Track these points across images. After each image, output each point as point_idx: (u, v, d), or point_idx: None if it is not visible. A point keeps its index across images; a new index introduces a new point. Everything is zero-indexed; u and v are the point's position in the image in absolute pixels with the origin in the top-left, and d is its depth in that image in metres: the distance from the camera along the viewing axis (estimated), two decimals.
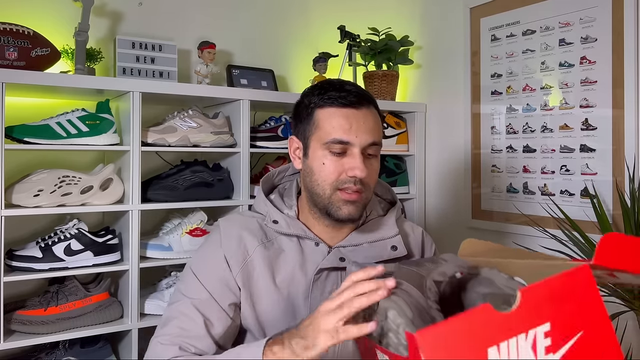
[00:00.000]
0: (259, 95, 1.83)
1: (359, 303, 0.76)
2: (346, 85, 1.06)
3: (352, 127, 1.01)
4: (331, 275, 1.05)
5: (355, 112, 1.02)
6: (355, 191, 1.01)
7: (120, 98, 1.67)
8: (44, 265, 1.49)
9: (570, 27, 1.72)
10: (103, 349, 1.60)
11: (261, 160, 2.03)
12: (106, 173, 1.60)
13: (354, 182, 1.01)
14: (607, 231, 1.49)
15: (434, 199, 2.20)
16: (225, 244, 1.06)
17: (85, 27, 1.62)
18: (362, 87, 1.09)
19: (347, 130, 1.01)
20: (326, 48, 2.18)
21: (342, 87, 1.04)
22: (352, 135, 1.01)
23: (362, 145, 1.01)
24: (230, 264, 1.04)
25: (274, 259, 1.05)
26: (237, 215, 1.17)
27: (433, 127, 2.20)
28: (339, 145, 1.01)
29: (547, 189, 1.78)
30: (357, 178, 1.01)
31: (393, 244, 1.09)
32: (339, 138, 1.01)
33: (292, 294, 1.04)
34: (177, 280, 1.70)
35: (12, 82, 1.41)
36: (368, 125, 1.03)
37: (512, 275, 0.76)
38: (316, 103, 1.05)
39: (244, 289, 1.03)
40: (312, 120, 1.05)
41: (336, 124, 1.01)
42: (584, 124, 1.68)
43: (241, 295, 1.04)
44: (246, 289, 1.03)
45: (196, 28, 2.01)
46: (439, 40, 2.17)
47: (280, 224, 1.07)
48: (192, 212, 1.76)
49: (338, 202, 1.02)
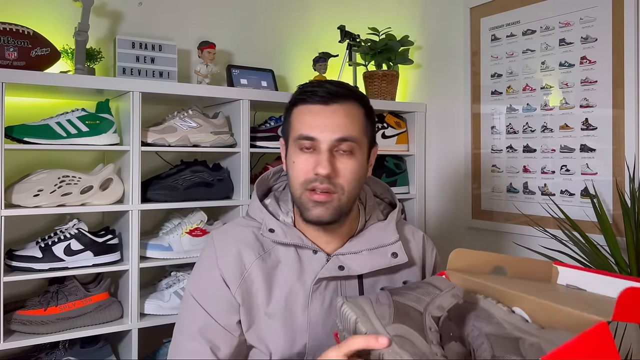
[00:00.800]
0: (259, 95, 1.83)
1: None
2: (325, 83, 1.02)
3: (319, 123, 0.98)
4: (330, 285, 1.03)
5: (323, 107, 0.99)
6: (323, 191, 0.97)
7: (120, 98, 1.67)
8: (44, 265, 1.49)
9: (570, 27, 1.72)
10: (103, 349, 1.60)
11: (261, 160, 2.03)
12: (106, 173, 1.60)
13: (321, 180, 0.97)
14: (607, 231, 1.49)
15: (434, 199, 2.20)
16: (221, 261, 1.03)
17: (85, 27, 1.62)
18: (345, 84, 1.05)
19: (313, 126, 0.98)
20: (326, 48, 2.18)
21: (320, 84, 1.02)
22: (317, 131, 0.97)
23: (328, 142, 0.97)
24: (228, 281, 1.02)
25: (271, 271, 1.03)
26: (231, 227, 1.12)
27: (433, 127, 2.20)
28: (306, 141, 0.98)
29: (547, 189, 1.78)
30: (321, 176, 0.97)
31: (393, 250, 1.06)
32: (304, 134, 0.98)
33: (290, 306, 1.02)
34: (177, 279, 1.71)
35: (12, 82, 1.41)
36: (336, 121, 0.98)
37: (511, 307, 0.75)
38: (293, 102, 1.04)
39: (243, 306, 1.02)
40: (289, 120, 1.05)
41: (304, 120, 1.00)
42: (584, 124, 1.68)
43: (240, 311, 1.02)
44: (245, 304, 1.02)
45: (196, 28, 2.01)
46: (439, 40, 2.17)
47: (276, 232, 1.04)
48: (192, 212, 1.76)
49: (307, 203, 0.99)
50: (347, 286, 1.04)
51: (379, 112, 2.16)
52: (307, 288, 1.02)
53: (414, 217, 2.18)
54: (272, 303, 1.02)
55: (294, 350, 1.02)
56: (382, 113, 2.16)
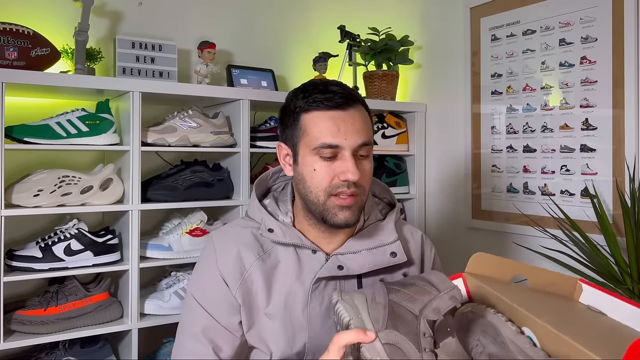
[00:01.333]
0: (259, 95, 1.83)
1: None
2: (331, 85, 1.01)
3: (340, 130, 0.97)
4: (329, 285, 1.03)
5: (343, 113, 0.99)
6: (350, 195, 0.98)
7: (120, 98, 1.67)
8: (44, 265, 1.49)
9: (570, 27, 1.71)
10: (103, 349, 1.60)
11: (261, 160, 2.03)
12: (106, 173, 1.60)
13: (348, 185, 0.97)
14: (607, 231, 1.49)
15: (434, 199, 2.20)
16: (221, 262, 1.04)
17: (85, 27, 1.62)
18: (347, 86, 1.04)
19: (335, 133, 0.97)
20: (326, 48, 2.18)
21: (327, 88, 1.00)
22: (341, 138, 0.97)
23: (352, 147, 0.98)
24: (228, 282, 1.02)
25: (271, 271, 1.03)
26: (230, 227, 1.12)
27: (433, 127, 2.20)
28: (328, 149, 0.97)
29: (547, 189, 1.78)
30: (351, 181, 0.97)
31: (392, 250, 1.06)
32: (327, 142, 0.97)
33: (290, 306, 1.02)
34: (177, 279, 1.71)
35: (12, 82, 1.41)
36: (356, 126, 0.99)
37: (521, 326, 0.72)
38: (302, 107, 1.01)
39: (244, 306, 1.02)
40: (298, 125, 1.01)
41: (323, 128, 0.98)
42: (584, 123, 1.68)
43: (241, 311, 1.02)
44: (246, 305, 1.02)
45: (196, 28, 2.01)
46: (439, 40, 2.17)
47: (275, 232, 1.04)
48: (192, 212, 1.76)
49: (334, 209, 0.99)
50: (346, 286, 1.04)
51: (379, 112, 2.16)
52: (306, 288, 1.02)
53: (414, 217, 2.17)
54: (272, 303, 1.02)
55: (293, 350, 1.02)
56: (382, 113, 2.16)
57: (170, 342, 1.68)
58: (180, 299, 1.66)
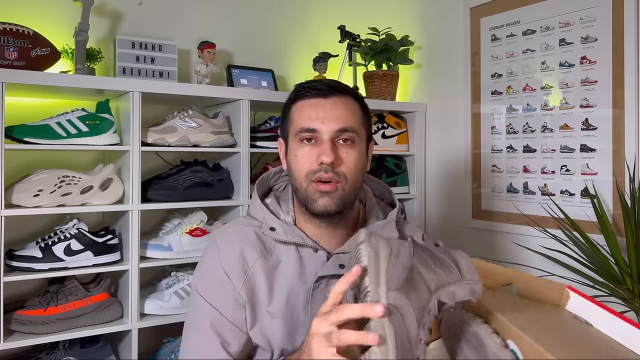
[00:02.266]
0: (259, 95, 1.83)
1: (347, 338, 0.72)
2: (322, 80, 1.08)
3: (319, 115, 1.01)
4: (331, 283, 1.03)
5: (323, 100, 1.03)
6: (328, 180, 0.99)
7: (120, 98, 1.67)
8: (44, 265, 1.49)
9: (570, 27, 1.71)
10: (103, 349, 1.60)
11: (261, 160, 2.03)
12: (106, 173, 1.60)
13: (325, 169, 0.99)
14: (607, 231, 1.49)
15: (434, 199, 2.20)
16: (225, 260, 1.04)
17: (85, 27, 1.62)
18: (341, 83, 1.09)
19: (313, 118, 1.01)
20: (326, 48, 2.18)
21: (317, 81, 1.07)
22: (318, 122, 1.01)
23: (330, 132, 1.01)
24: (232, 279, 1.03)
25: (273, 269, 1.04)
26: (232, 226, 1.13)
27: (433, 127, 2.20)
28: (306, 133, 1.02)
29: (547, 189, 1.78)
30: (326, 164, 0.99)
31: None
32: (305, 126, 1.02)
33: (292, 304, 1.03)
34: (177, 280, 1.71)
35: (12, 82, 1.41)
36: (336, 113, 1.02)
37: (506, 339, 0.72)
38: (291, 100, 1.08)
39: (248, 304, 1.03)
40: (288, 117, 1.07)
41: (303, 114, 1.03)
42: (584, 124, 1.68)
43: (246, 309, 1.03)
44: (250, 302, 1.03)
45: (196, 28, 2.01)
46: (439, 40, 2.17)
47: (277, 231, 1.06)
48: (192, 212, 1.76)
49: (314, 194, 1.01)
50: None
51: (379, 112, 2.16)
52: (308, 286, 1.03)
53: (414, 217, 2.17)
54: (274, 301, 1.03)
55: (295, 348, 1.02)
56: (382, 113, 2.16)
57: (171, 342, 1.68)
58: (181, 299, 1.66)
